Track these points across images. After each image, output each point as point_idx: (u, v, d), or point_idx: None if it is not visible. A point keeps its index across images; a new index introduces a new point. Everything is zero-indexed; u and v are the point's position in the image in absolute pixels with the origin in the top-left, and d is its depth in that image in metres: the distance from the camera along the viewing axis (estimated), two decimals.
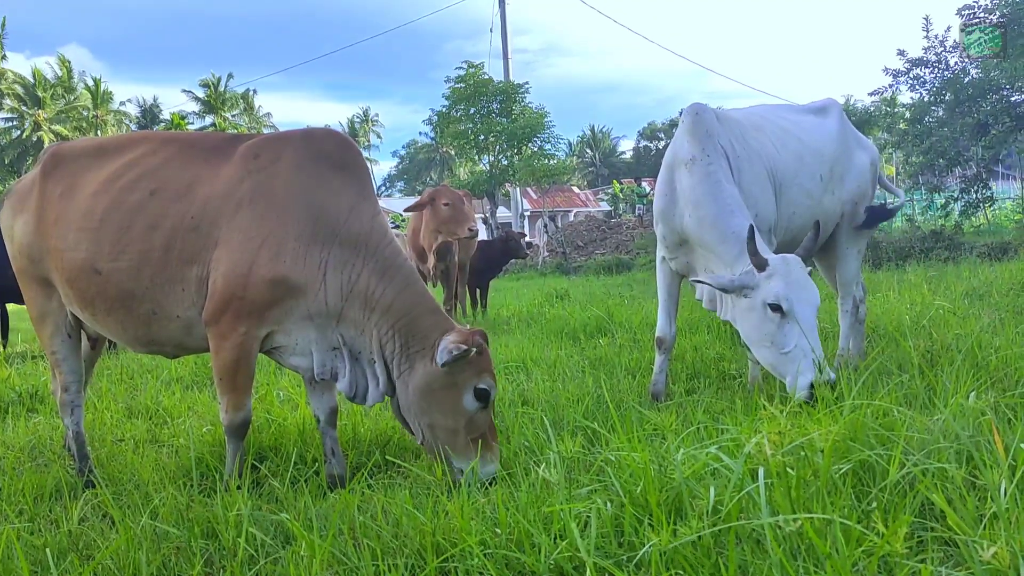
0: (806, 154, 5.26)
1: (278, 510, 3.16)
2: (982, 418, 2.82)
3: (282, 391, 5.47)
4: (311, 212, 3.64)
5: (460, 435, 3.58)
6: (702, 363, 5.79)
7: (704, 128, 4.77)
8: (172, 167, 3.84)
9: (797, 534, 2.16)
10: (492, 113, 28.75)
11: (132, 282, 3.73)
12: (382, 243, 3.73)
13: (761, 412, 2.85)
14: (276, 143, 3.87)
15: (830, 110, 5.81)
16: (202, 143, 4.03)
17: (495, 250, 12.15)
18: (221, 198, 3.67)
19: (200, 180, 3.75)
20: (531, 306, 10.85)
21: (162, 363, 7.25)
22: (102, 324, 3.95)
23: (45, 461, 4.41)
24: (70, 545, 3.03)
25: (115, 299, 3.79)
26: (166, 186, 3.77)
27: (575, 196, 54.41)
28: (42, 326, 4.18)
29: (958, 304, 7.13)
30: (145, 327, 3.83)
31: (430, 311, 3.71)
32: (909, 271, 11.47)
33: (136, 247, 3.71)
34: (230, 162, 3.77)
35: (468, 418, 3.58)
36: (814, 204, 5.24)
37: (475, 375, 3.58)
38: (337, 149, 3.86)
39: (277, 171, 3.71)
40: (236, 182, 3.69)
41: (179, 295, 3.71)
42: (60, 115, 52.89)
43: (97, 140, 4.34)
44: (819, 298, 4.16)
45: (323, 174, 3.74)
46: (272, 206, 3.63)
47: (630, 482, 2.72)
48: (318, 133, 3.94)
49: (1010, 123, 18.33)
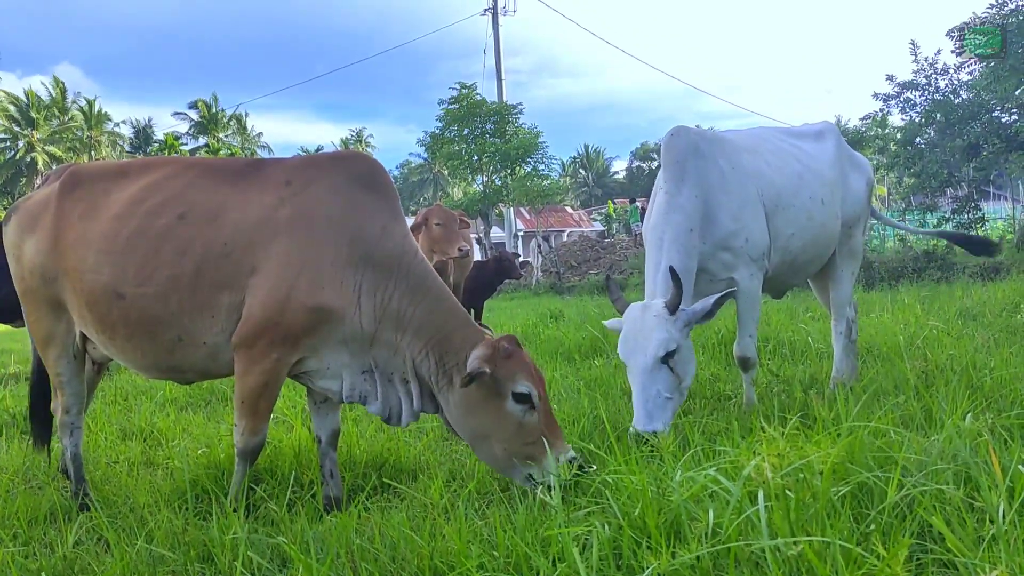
0: (807, 176, 5.28)
1: (275, 533, 3.14)
2: (979, 439, 2.83)
3: (275, 413, 5.44)
4: (346, 236, 3.63)
5: (514, 442, 3.49)
6: (697, 384, 5.78)
7: (672, 155, 4.83)
8: (199, 190, 3.80)
9: (797, 557, 2.16)
10: (486, 134, 28.86)
11: (159, 307, 3.67)
12: (413, 262, 3.72)
13: (759, 434, 2.85)
14: (307, 168, 3.84)
15: (827, 134, 5.85)
16: (225, 168, 3.99)
17: (488, 271, 12.10)
18: (255, 225, 3.63)
19: (229, 205, 3.70)
20: (525, 326, 10.84)
21: (157, 385, 7.21)
22: (118, 349, 3.88)
23: (39, 483, 4.38)
24: (65, 569, 3.01)
25: (138, 324, 3.72)
26: (194, 210, 3.72)
27: (568, 216, 54.49)
28: (48, 347, 4.11)
29: (951, 324, 7.16)
30: (168, 353, 3.77)
31: (462, 325, 3.70)
32: (902, 291, 11.52)
33: (164, 272, 3.65)
34: (259, 188, 3.75)
35: (517, 424, 3.50)
36: (815, 227, 5.26)
37: (509, 379, 3.49)
38: (368, 171, 3.87)
39: (312, 197, 3.69)
40: (271, 209, 3.66)
41: (208, 322, 3.66)
42: (54, 136, 52.91)
43: (117, 163, 4.31)
44: (645, 352, 4.19)
45: (356, 197, 3.74)
46: (310, 233, 3.62)
47: (628, 504, 2.71)
48: (348, 156, 3.99)
49: (1000, 144, 18.47)
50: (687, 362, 4.29)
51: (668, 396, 4.15)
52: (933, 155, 19.60)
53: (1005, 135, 18.47)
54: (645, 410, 4.10)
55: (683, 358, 4.25)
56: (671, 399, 4.16)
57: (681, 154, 4.82)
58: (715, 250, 4.72)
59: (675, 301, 4.19)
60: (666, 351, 4.15)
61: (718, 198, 4.74)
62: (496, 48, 31.75)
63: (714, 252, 4.72)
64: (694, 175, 4.74)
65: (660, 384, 4.14)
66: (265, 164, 3.96)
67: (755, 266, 4.81)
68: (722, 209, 4.73)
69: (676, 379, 4.20)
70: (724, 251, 4.73)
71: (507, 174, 29.00)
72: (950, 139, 19.30)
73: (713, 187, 4.76)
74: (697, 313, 4.28)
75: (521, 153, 28.31)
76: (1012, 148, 18.20)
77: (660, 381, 4.14)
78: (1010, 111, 18.67)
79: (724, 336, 7.33)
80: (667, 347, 4.15)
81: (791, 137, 5.66)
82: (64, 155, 52.34)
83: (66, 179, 4.04)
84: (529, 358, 3.62)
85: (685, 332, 4.26)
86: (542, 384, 3.59)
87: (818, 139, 5.77)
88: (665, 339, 4.16)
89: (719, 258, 4.74)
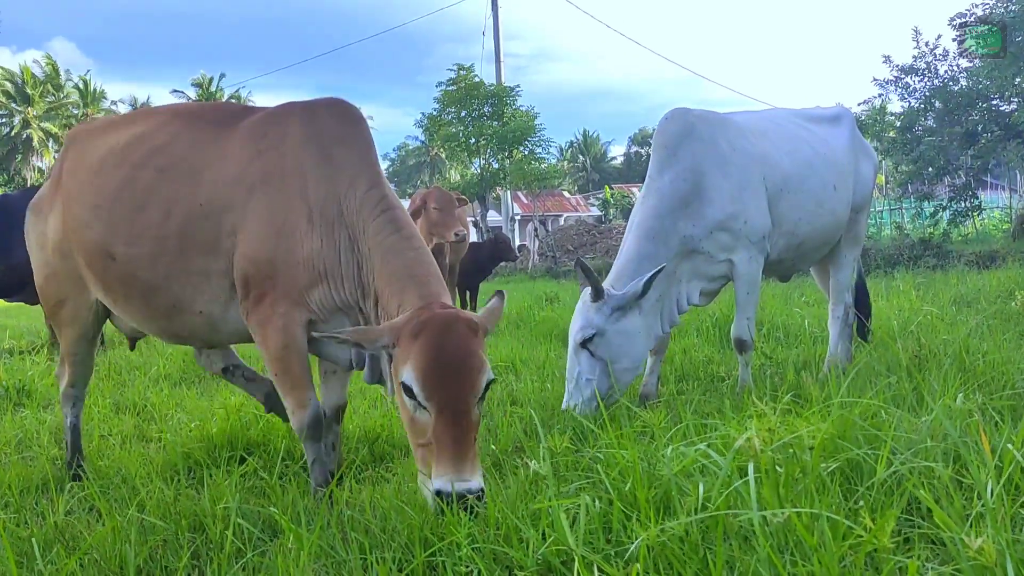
0: (818, 163, 5.25)
1: (266, 505, 3.15)
2: (969, 419, 2.84)
3: None
4: (319, 192, 3.33)
5: (410, 435, 2.92)
6: (691, 365, 5.81)
7: (662, 139, 4.87)
8: (181, 143, 3.60)
9: (784, 531, 2.17)
10: (483, 116, 28.76)
11: (149, 272, 3.50)
12: (370, 217, 3.28)
13: (751, 409, 2.86)
14: (282, 119, 3.56)
15: (842, 119, 5.84)
16: (210, 117, 3.75)
17: (484, 252, 12.09)
18: (232, 183, 3.41)
19: (208, 160, 3.49)
20: (520, 309, 10.84)
21: (151, 360, 7.23)
22: (125, 313, 3.79)
23: (32, 455, 4.39)
24: (56, 536, 3.02)
25: (133, 288, 3.59)
26: (176, 165, 3.53)
27: (565, 201, 54.43)
28: (69, 327, 4.04)
29: (946, 310, 7.18)
30: (167, 321, 3.63)
31: (411, 286, 3.10)
32: (898, 278, 11.53)
33: (151, 233, 3.48)
34: (239, 140, 3.51)
35: (409, 416, 2.88)
36: (825, 213, 5.26)
37: (403, 363, 2.85)
38: (337, 121, 3.53)
39: (285, 151, 3.42)
40: (246, 164, 3.42)
41: (198, 288, 3.48)
42: (49, 112, 52.70)
43: (111, 116, 4.25)
44: (575, 333, 4.48)
45: (326, 149, 3.42)
46: (284, 188, 3.35)
47: (619, 479, 2.72)
48: (320, 104, 3.62)
49: (999, 132, 18.47)
50: (615, 346, 4.43)
51: (588, 378, 4.39)
52: (931, 142, 19.58)
53: (1004, 123, 18.47)
54: (567, 390, 4.47)
55: (608, 342, 4.42)
56: (591, 380, 4.37)
57: (671, 139, 4.82)
58: (710, 231, 4.71)
59: (595, 289, 4.42)
60: (583, 337, 4.41)
61: (715, 180, 4.73)
62: (495, 30, 31.56)
63: (709, 233, 4.71)
64: (685, 158, 4.74)
65: (581, 367, 4.42)
66: (249, 113, 3.73)
67: (755, 249, 4.80)
68: (719, 191, 4.71)
69: (598, 363, 4.40)
70: (722, 232, 4.72)
71: (504, 157, 28.93)
72: (948, 126, 19.30)
73: (710, 169, 4.74)
74: (627, 296, 4.41)
75: (519, 136, 28.22)
76: (1010, 137, 18.20)
77: (582, 364, 4.42)
78: (1009, 99, 18.65)
79: (719, 319, 7.35)
80: (584, 334, 4.41)
81: (806, 121, 5.62)
82: (60, 132, 52.12)
83: (65, 142, 4.04)
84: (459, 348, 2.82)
85: (614, 317, 4.43)
86: (456, 388, 2.77)
87: (833, 124, 5.74)
88: (582, 326, 4.44)
89: (716, 239, 4.73)
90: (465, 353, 2.81)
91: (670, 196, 4.67)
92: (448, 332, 2.82)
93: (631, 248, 4.67)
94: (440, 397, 2.75)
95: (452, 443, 2.69)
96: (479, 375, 2.81)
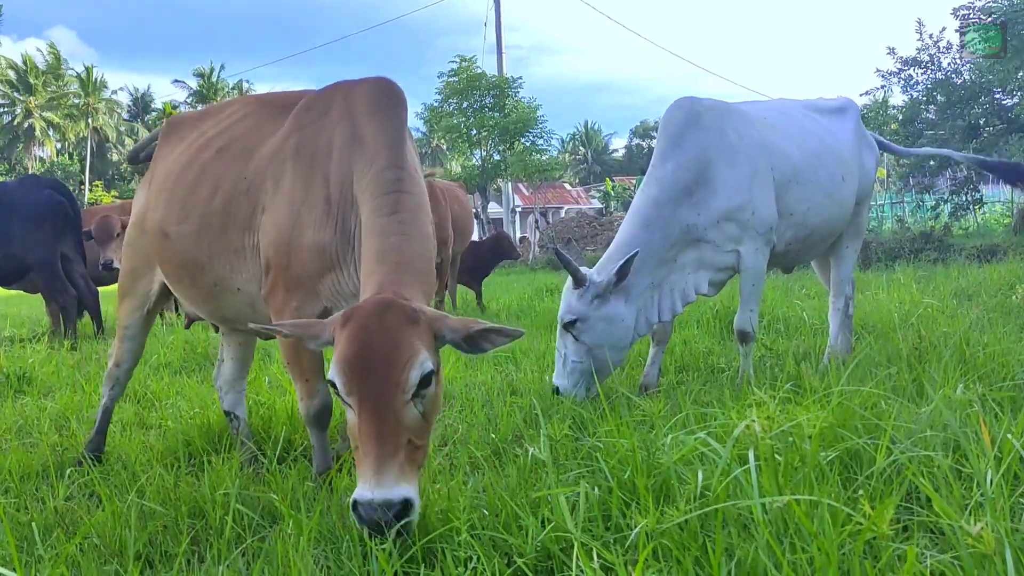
0: (826, 154, 5.24)
1: (266, 491, 3.15)
2: (969, 410, 2.84)
3: (270, 377, 5.46)
4: (340, 172, 3.15)
5: (351, 443, 2.59)
6: (691, 356, 5.80)
7: (667, 128, 4.88)
8: (243, 124, 3.58)
9: (783, 518, 2.17)
10: (485, 107, 28.74)
11: (195, 249, 3.48)
12: (373, 197, 3.01)
13: (751, 399, 2.86)
14: (329, 95, 3.42)
15: (848, 111, 5.82)
16: (280, 101, 3.66)
17: (485, 250, 12.07)
18: (270, 156, 3.33)
19: (264, 139, 3.43)
20: (521, 300, 10.85)
21: (151, 348, 7.23)
22: (178, 293, 3.81)
23: (33, 442, 4.39)
24: (56, 521, 3.02)
25: (180, 266, 3.61)
26: (233, 144, 3.51)
27: (566, 193, 54.39)
28: (128, 298, 4.05)
29: (947, 303, 7.17)
30: (212, 300, 3.61)
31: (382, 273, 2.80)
32: (898, 271, 11.52)
33: (199, 211, 3.46)
34: (289, 118, 3.42)
35: (343, 411, 2.71)
36: (833, 204, 5.25)
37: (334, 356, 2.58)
38: (374, 99, 3.29)
39: (322, 126, 3.29)
40: (286, 137, 3.34)
41: (236, 266, 3.42)
42: (51, 102, 52.67)
43: (209, 106, 4.27)
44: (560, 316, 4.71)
45: (358, 128, 3.21)
46: (312, 166, 3.21)
47: (618, 467, 2.73)
48: (364, 82, 3.41)
49: (1001, 126, 18.44)
50: (598, 331, 4.58)
51: (575, 360, 4.58)
52: (933, 135, 19.56)
53: (1006, 117, 18.44)
54: (556, 369, 4.70)
55: (591, 328, 4.57)
56: (578, 363, 4.57)
57: (676, 127, 4.81)
58: (717, 220, 4.69)
59: (574, 277, 4.61)
60: (565, 321, 4.61)
61: (720, 169, 4.71)
62: (497, 21, 31.54)
63: (716, 222, 4.69)
64: (690, 147, 4.72)
65: (567, 350, 4.63)
66: (310, 93, 3.58)
67: (761, 240, 4.78)
68: (725, 181, 4.70)
69: (582, 346, 4.57)
70: (728, 222, 4.70)
71: (505, 149, 28.91)
72: (950, 119, 19.27)
73: (716, 158, 4.73)
74: (603, 283, 4.53)
75: (520, 128, 28.20)
76: (1012, 130, 18.17)
77: (568, 347, 4.63)
78: (1012, 93, 18.62)
79: (720, 311, 7.34)
80: (564, 318, 4.62)
81: (813, 112, 5.61)
82: (61, 121, 52.15)
83: (163, 130, 4.08)
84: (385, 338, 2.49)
85: (595, 304, 4.57)
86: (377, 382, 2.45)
87: (838, 115, 5.72)
88: (564, 311, 4.65)
89: (723, 229, 4.71)
90: (391, 343, 2.47)
91: (671, 185, 4.66)
92: (374, 320, 2.51)
93: (623, 235, 4.72)
94: (360, 392, 2.45)
95: (373, 445, 2.37)
96: (406, 368, 2.46)
